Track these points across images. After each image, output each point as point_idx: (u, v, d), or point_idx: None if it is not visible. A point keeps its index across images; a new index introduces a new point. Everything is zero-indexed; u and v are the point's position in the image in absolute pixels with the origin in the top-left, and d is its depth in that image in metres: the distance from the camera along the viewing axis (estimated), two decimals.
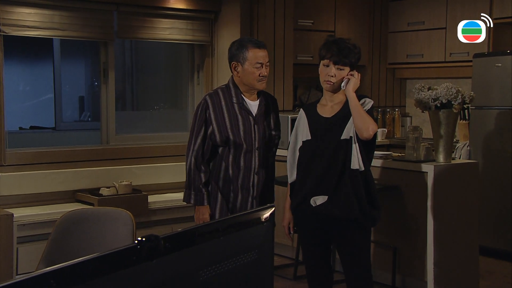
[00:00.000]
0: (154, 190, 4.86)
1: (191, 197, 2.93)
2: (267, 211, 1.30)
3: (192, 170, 2.91)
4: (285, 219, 2.94)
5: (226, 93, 2.95)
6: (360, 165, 2.72)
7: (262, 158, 2.95)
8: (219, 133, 2.90)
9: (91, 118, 6.77)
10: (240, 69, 2.90)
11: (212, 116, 2.91)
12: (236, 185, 2.93)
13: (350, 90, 2.73)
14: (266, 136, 2.97)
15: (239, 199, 2.94)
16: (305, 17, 5.45)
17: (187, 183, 2.95)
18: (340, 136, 2.74)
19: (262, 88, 2.94)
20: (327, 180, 2.74)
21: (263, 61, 2.89)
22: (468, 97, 3.61)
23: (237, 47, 2.91)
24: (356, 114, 2.69)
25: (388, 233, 3.85)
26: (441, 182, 3.65)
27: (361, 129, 2.67)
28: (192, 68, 5.36)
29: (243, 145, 2.90)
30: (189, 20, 5.13)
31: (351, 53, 2.72)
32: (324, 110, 2.83)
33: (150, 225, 4.56)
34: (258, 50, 2.89)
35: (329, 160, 2.73)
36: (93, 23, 4.65)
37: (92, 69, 6.68)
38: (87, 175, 4.59)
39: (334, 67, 2.72)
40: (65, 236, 2.58)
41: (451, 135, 3.67)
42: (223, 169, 2.93)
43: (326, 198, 2.74)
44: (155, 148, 4.99)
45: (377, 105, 6.00)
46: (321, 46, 2.78)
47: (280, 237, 4.32)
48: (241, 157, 2.91)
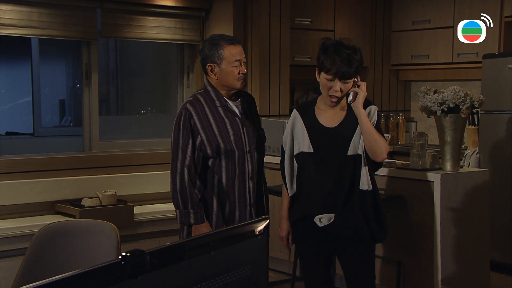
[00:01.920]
0: (141, 200, 4.84)
1: (190, 217, 2.84)
2: (261, 223, 1.30)
3: (187, 187, 2.83)
4: (283, 229, 2.93)
5: (207, 98, 2.93)
6: (369, 185, 2.74)
7: (254, 161, 2.96)
8: (208, 143, 2.87)
9: (72, 123, 6.77)
10: (218, 70, 2.88)
11: (198, 125, 2.87)
12: (233, 197, 2.91)
13: (359, 107, 2.71)
14: (254, 136, 2.98)
15: (237, 211, 2.93)
16: (302, 16, 5.47)
17: (181, 202, 2.85)
18: (346, 151, 2.74)
19: (242, 87, 2.94)
20: (334, 198, 2.75)
21: (240, 58, 2.88)
22: (477, 101, 3.62)
23: (209, 47, 2.89)
24: (369, 137, 2.69)
25: (391, 246, 3.85)
26: (449, 192, 3.66)
27: (374, 153, 2.70)
28: (181, 70, 5.36)
29: (235, 151, 2.89)
30: (178, 18, 5.14)
31: (354, 61, 2.68)
32: (325, 117, 2.81)
33: (136, 238, 4.54)
34: (233, 46, 2.88)
35: (335, 177, 2.74)
36: (74, 21, 4.65)
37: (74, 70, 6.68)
38: (68, 185, 4.57)
39: (339, 82, 2.70)
40: (43, 251, 2.57)
41: (459, 142, 3.69)
42: (216, 182, 2.90)
43: (333, 217, 2.75)
44: (141, 155, 4.99)
45: (380, 109, 6.01)
46: (320, 52, 2.74)
47: (276, 251, 4.33)
48: (235, 165, 2.90)
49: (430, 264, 3.67)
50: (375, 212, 2.78)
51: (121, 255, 1.00)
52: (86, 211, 4.31)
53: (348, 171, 2.74)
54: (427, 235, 3.69)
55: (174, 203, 2.90)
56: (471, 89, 4.06)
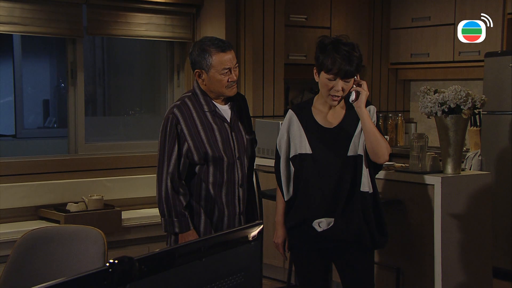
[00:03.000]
0: (129, 205, 4.84)
1: (174, 225, 2.86)
2: (255, 229, 1.31)
3: (170, 195, 2.85)
4: (278, 236, 2.93)
5: (195, 102, 2.92)
6: (370, 187, 2.76)
7: (244, 168, 2.96)
8: (195, 150, 2.87)
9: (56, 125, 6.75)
10: (205, 76, 2.87)
11: (185, 131, 2.87)
12: (221, 204, 2.91)
13: (362, 107, 2.73)
14: (244, 142, 2.98)
15: (225, 219, 2.93)
16: (297, 12, 5.48)
17: (166, 211, 2.87)
18: (346, 152, 2.76)
19: (232, 94, 2.92)
20: (334, 202, 2.76)
21: (230, 65, 2.86)
22: (479, 101, 3.64)
23: (198, 53, 2.87)
24: (372, 137, 2.71)
25: (390, 252, 3.86)
26: (450, 196, 3.67)
27: (376, 155, 2.73)
28: (171, 69, 5.36)
29: (224, 158, 2.89)
30: (168, 15, 5.14)
31: (354, 58, 2.70)
32: (323, 117, 2.82)
33: (123, 244, 4.54)
34: (223, 54, 2.84)
35: (335, 179, 2.75)
36: (59, 17, 4.64)
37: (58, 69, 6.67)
38: (52, 189, 4.56)
39: (341, 81, 2.71)
40: (26, 259, 2.56)
41: (460, 144, 3.70)
42: (204, 190, 2.90)
43: (332, 221, 2.76)
44: (129, 158, 4.98)
45: (378, 110, 6.01)
46: (318, 51, 2.74)
47: (270, 258, 4.33)
48: (223, 172, 2.90)
49: (431, 271, 3.68)
50: (376, 216, 2.79)
51: (109, 262, 1.00)
52: (72, 216, 4.30)
53: (348, 172, 2.75)
54: (427, 240, 3.70)
55: (160, 211, 2.92)
56: (472, 89, 4.08)
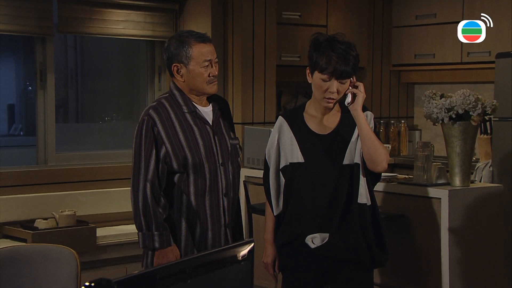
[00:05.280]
0: (104, 221, 4.82)
1: (154, 240, 2.84)
2: (245, 247, 1.31)
3: (150, 205, 2.83)
4: (268, 255, 2.94)
5: (173, 103, 2.93)
6: (368, 199, 2.77)
7: (228, 175, 2.96)
8: (174, 155, 2.86)
9: (23, 132, 6.72)
10: (184, 71, 2.89)
11: (163, 134, 2.87)
12: (204, 216, 2.91)
13: (359, 110, 2.74)
14: (228, 147, 2.99)
15: (209, 233, 2.93)
16: (290, 9, 5.50)
17: (144, 223, 2.85)
18: (341, 160, 2.77)
19: (213, 91, 2.95)
20: (329, 215, 2.76)
21: (211, 57, 2.89)
22: (489, 106, 3.66)
23: (176, 45, 2.89)
24: (369, 143, 2.72)
25: (392, 272, 3.87)
26: (458, 211, 3.69)
27: (374, 163, 2.73)
28: (151, 70, 5.36)
29: (205, 164, 2.89)
30: (148, 12, 5.14)
31: (351, 58, 2.72)
32: (316, 123, 2.84)
33: (99, 265, 4.52)
34: (203, 45, 2.88)
35: (330, 190, 2.76)
36: (26, 13, 4.63)
37: (25, 71, 6.64)
38: (18, 204, 4.54)
39: (336, 81, 2.73)
40: None
41: (469, 153, 3.72)
42: (185, 201, 2.90)
43: (327, 237, 2.76)
44: (105, 169, 4.97)
45: (379, 116, 6.06)
46: (312, 49, 2.76)
47: (261, 279, 4.32)
48: (205, 180, 2.89)
49: None
50: (375, 231, 2.80)
51: (84, 286, 1.00)
52: (40, 234, 4.28)
53: (344, 183, 2.76)
54: (433, 259, 3.71)
55: (137, 224, 2.90)
56: (483, 93, 4.10)
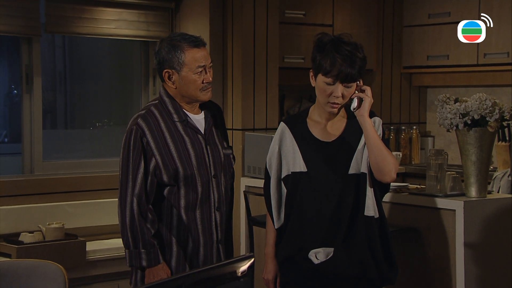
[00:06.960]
0: (94, 235, 4.82)
1: (141, 258, 2.86)
2: (245, 263, 1.31)
3: (137, 221, 2.85)
4: (269, 271, 2.94)
5: (163, 110, 2.94)
6: (376, 211, 2.77)
7: (220, 188, 2.97)
8: (165, 168, 2.87)
9: (8, 139, 6.72)
10: (176, 77, 2.89)
11: (152, 145, 2.88)
12: (196, 232, 2.92)
13: (365, 116, 2.74)
14: (221, 158, 2.99)
15: (201, 250, 2.94)
16: (294, 7, 5.51)
17: (131, 240, 2.87)
18: (347, 170, 2.77)
19: (207, 99, 2.95)
20: (334, 228, 2.76)
21: (205, 63, 2.89)
22: (508, 111, 3.66)
23: (168, 49, 2.88)
24: (376, 151, 2.72)
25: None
26: (474, 224, 3.68)
27: (381, 172, 2.73)
28: (145, 73, 5.37)
29: (197, 177, 2.89)
30: (142, 10, 5.15)
31: (357, 60, 2.72)
32: (320, 130, 2.84)
33: (88, 282, 4.52)
34: (197, 50, 2.88)
35: (335, 202, 2.76)
36: (11, 12, 4.64)
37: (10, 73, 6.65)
38: (2, 216, 4.54)
39: (341, 85, 2.73)
40: None
41: (486, 162, 3.72)
42: (175, 216, 2.91)
43: (332, 252, 2.76)
44: (95, 178, 4.97)
45: (389, 121, 6.06)
46: (315, 51, 2.77)
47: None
48: (196, 193, 2.90)
49: None
50: (383, 246, 2.79)
51: None
52: (26, 248, 4.28)
53: (350, 193, 2.76)
54: (447, 276, 3.70)
55: (123, 241, 2.92)
56: (500, 97, 4.11)
